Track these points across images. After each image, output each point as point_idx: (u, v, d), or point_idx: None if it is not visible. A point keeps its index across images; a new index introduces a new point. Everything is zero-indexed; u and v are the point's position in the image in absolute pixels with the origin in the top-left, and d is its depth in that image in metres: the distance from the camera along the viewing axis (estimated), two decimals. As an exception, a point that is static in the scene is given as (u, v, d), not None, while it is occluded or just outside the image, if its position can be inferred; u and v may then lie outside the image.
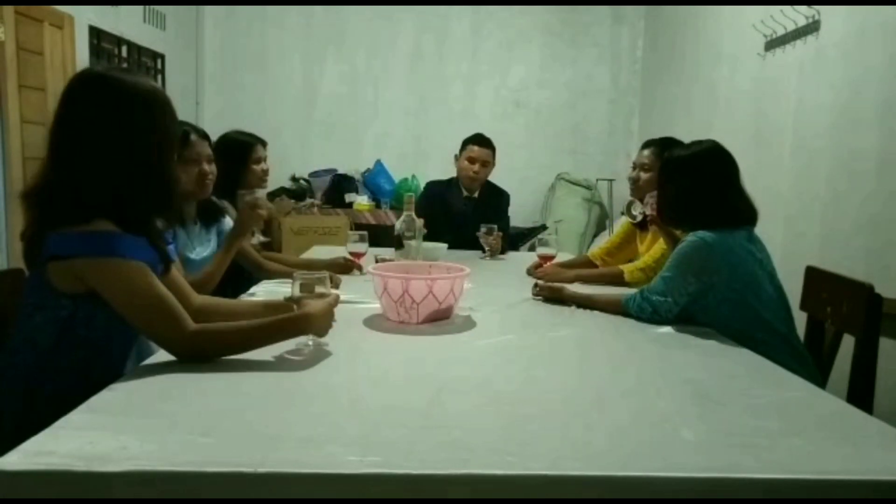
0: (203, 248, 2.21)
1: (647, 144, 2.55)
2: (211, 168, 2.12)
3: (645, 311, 1.85)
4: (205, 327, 1.34)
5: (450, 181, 3.46)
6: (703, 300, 1.82)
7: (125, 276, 1.25)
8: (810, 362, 1.84)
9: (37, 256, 1.29)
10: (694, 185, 1.89)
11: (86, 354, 1.32)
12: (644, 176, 2.47)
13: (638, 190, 2.53)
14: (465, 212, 3.34)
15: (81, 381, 1.25)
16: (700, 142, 1.97)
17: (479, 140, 3.34)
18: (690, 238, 1.83)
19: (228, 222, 2.31)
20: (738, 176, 1.91)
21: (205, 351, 1.32)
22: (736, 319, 1.79)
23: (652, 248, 2.36)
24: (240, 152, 2.55)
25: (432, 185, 3.53)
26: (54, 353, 1.30)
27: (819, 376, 1.81)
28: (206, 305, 1.56)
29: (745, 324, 1.79)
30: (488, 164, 3.33)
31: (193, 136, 2.08)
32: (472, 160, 3.31)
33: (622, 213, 2.76)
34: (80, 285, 1.26)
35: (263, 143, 2.68)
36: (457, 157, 3.39)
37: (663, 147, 2.45)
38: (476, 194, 3.39)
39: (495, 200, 3.40)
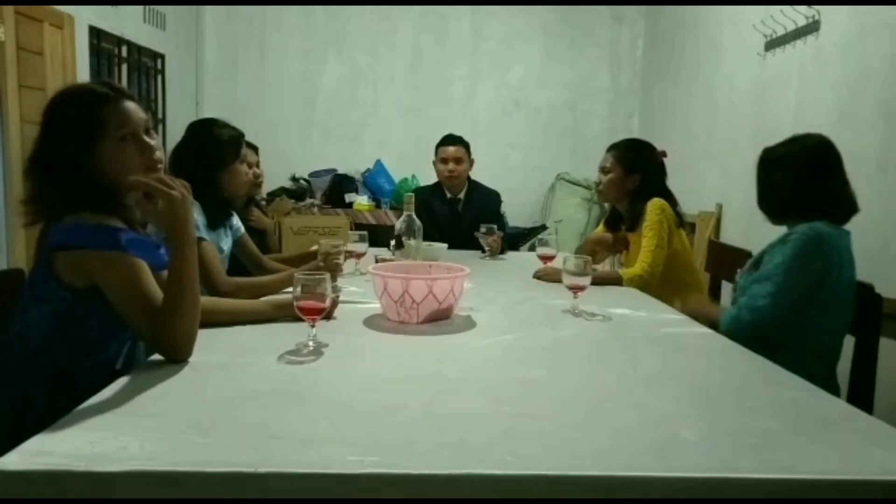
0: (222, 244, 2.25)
1: (609, 148, 2.60)
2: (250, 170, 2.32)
3: (741, 323, 1.82)
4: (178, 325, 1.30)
5: (434, 186, 3.50)
6: (810, 296, 1.80)
7: (123, 271, 1.28)
8: (838, 392, 1.83)
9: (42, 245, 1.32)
10: (801, 179, 1.86)
11: (78, 352, 1.32)
12: (604, 178, 2.52)
13: (599, 193, 2.59)
14: (451, 214, 3.37)
15: (72, 378, 1.27)
16: (808, 136, 1.93)
17: (449, 140, 3.39)
18: (806, 232, 1.79)
19: (236, 221, 2.38)
20: (843, 170, 1.88)
21: (175, 325, 1.28)
22: (820, 326, 1.80)
23: (641, 255, 2.37)
24: None
25: (417, 191, 3.54)
26: (46, 350, 1.31)
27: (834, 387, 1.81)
28: (210, 305, 1.57)
29: (819, 332, 1.80)
30: (462, 160, 3.36)
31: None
32: (445, 160, 3.36)
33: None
34: (82, 278, 1.28)
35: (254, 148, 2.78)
36: (434, 163, 3.44)
37: (623, 149, 2.51)
38: (461, 195, 3.41)
39: (486, 201, 3.42)
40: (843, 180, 1.87)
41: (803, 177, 1.85)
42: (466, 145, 3.39)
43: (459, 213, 3.38)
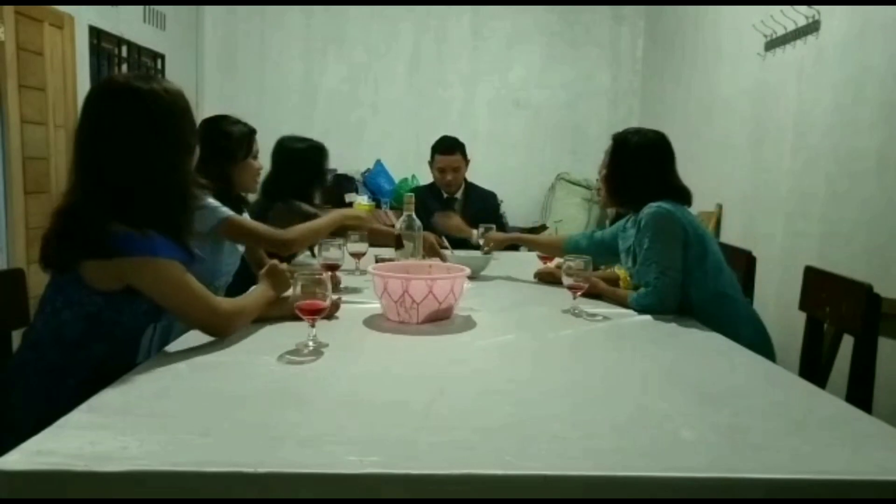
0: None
1: None
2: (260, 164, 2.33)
3: (650, 304, 1.92)
4: (232, 303, 1.52)
5: (431, 185, 3.49)
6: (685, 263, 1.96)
7: (164, 273, 1.34)
8: (763, 328, 2.02)
9: (66, 258, 1.32)
10: (646, 166, 2.06)
11: (107, 348, 1.35)
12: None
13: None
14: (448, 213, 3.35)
15: (100, 374, 1.28)
16: (650, 130, 2.15)
17: (444, 148, 3.35)
18: (653, 211, 1.96)
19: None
20: (675, 163, 2.12)
21: (234, 324, 1.50)
22: (710, 276, 1.95)
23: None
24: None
25: (413, 191, 3.53)
26: (78, 347, 1.33)
27: (769, 340, 1.97)
28: None
29: (715, 280, 1.96)
30: (459, 168, 3.34)
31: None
32: (442, 170, 3.34)
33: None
34: (115, 283, 1.32)
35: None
36: (430, 164, 3.42)
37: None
38: (457, 195, 3.40)
39: (484, 202, 3.41)
40: (675, 172, 2.11)
41: (655, 164, 2.07)
42: (462, 149, 3.37)
43: (456, 213, 3.37)
